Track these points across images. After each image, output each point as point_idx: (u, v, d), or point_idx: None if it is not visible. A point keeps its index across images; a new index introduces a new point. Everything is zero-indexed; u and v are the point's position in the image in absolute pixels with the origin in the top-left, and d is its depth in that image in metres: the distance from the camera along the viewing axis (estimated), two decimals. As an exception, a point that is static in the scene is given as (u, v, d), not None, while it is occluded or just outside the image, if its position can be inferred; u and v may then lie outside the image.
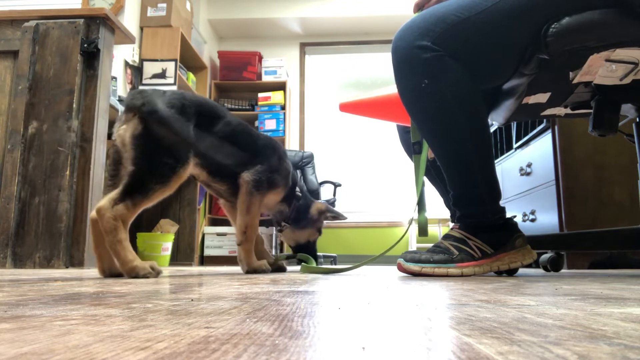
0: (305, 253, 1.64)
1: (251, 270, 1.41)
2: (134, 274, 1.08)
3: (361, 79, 5.43)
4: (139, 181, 1.09)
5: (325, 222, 1.70)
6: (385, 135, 4.96)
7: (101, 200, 1.11)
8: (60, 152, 2.01)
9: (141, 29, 3.86)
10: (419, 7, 1.26)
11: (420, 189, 1.36)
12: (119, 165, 1.17)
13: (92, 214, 1.16)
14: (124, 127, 1.14)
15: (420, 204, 1.38)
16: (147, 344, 0.27)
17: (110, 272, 1.18)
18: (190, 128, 1.22)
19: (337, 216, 1.69)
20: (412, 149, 1.39)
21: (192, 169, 1.29)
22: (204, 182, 1.41)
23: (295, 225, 1.61)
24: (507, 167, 2.76)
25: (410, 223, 1.41)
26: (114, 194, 1.09)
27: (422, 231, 1.36)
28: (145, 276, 1.08)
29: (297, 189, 1.59)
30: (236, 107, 4.88)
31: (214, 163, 1.34)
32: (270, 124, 4.82)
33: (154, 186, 1.11)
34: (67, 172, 1.99)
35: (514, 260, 1.18)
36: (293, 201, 1.57)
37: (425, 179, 1.62)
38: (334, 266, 3.04)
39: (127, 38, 2.37)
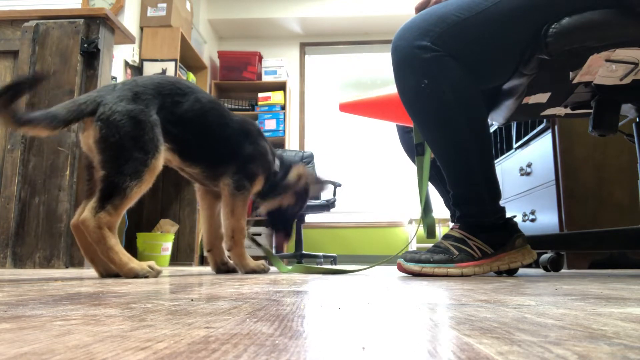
0: (280, 221, 1.53)
1: (250, 271, 1.41)
2: (133, 274, 1.08)
3: (361, 79, 5.43)
4: (112, 184, 1.07)
5: (314, 193, 1.57)
6: (385, 135, 4.96)
7: (84, 212, 1.09)
8: (60, 152, 2.01)
9: (141, 29, 3.86)
10: (419, 10, 1.26)
11: (424, 191, 1.35)
12: (91, 170, 1.15)
13: (73, 220, 1.15)
14: (85, 134, 1.12)
15: (427, 206, 1.37)
16: (147, 344, 0.27)
17: (107, 273, 1.17)
18: (150, 115, 1.15)
19: (320, 182, 1.55)
20: (415, 151, 1.39)
21: (169, 157, 1.25)
22: (177, 167, 1.34)
23: (270, 195, 1.49)
24: (507, 167, 2.76)
25: (419, 223, 1.39)
26: (93, 202, 1.08)
27: (431, 233, 1.35)
28: (145, 276, 1.09)
29: (277, 161, 1.48)
30: (236, 107, 4.88)
31: (184, 144, 1.26)
32: (270, 124, 4.82)
33: (129, 184, 1.08)
34: (67, 172, 1.99)
35: (514, 260, 1.18)
36: (270, 178, 1.47)
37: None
38: (339, 267, 3.03)
39: (127, 38, 2.37)
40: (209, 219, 1.47)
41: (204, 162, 1.33)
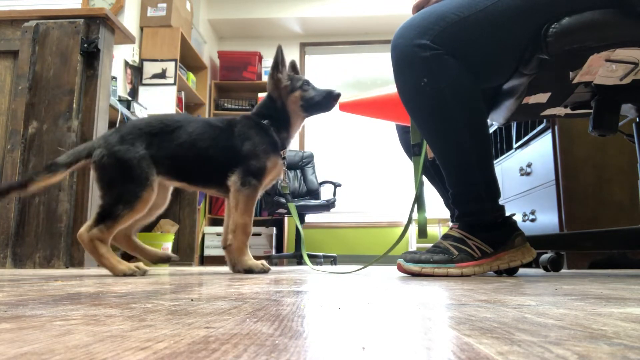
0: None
1: (247, 269, 1.40)
2: (122, 274, 1.26)
3: (361, 79, 5.43)
4: (107, 210, 1.28)
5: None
6: (385, 135, 4.95)
7: (81, 228, 1.30)
8: (60, 152, 2.01)
9: (141, 29, 3.86)
10: (418, 9, 1.26)
11: (418, 190, 1.36)
12: None
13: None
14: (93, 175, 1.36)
15: (420, 205, 1.38)
16: (147, 344, 0.27)
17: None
18: (137, 152, 1.32)
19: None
20: (412, 151, 1.39)
21: (171, 183, 1.43)
22: (196, 190, 1.51)
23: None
24: (507, 167, 2.76)
25: (409, 221, 1.40)
26: (90, 220, 1.29)
27: (422, 232, 1.35)
28: (132, 274, 1.26)
29: (265, 122, 1.50)
30: (236, 107, 4.88)
31: (185, 174, 1.42)
32: (270, 124, 4.82)
33: (121, 212, 1.27)
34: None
35: (513, 258, 1.18)
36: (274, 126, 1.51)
37: (425, 179, 1.62)
38: (334, 267, 3.03)
39: (127, 38, 2.37)
40: (227, 216, 1.51)
41: (214, 183, 1.45)
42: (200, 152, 1.40)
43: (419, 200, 1.37)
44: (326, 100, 1.56)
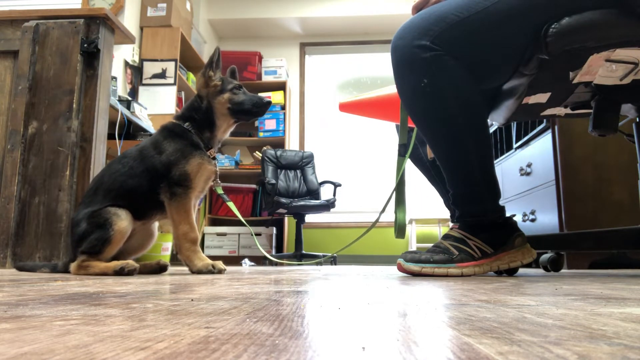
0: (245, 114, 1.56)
1: (196, 272, 1.38)
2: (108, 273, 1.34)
3: (361, 79, 5.43)
4: (89, 254, 1.36)
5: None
6: (385, 135, 4.96)
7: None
8: (60, 152, 2.01)
9: (141, 29, 3.86)
10: (417, 10, 1.26)
11: (398, 189, 1.38)
12: None
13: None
14: None
15: (400, 204, 1.39)
16: (147, 344, 0.27)
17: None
18: (102, 205, 1.39)
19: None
20: (398, 150, 1.39)
21: (137, 223, 1.45)
22: (153, 223, 1.57)
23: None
24: (507, 167, 2.76)
25: (381, 212, 1.43)
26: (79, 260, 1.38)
27: (400, 232, 1.35)
28: (121, 269, 1.32)
29: (187, 124, 1.49)
30: (236, 107, 4.88)
31: (134, 209, 1.42)
32: (270, 124, 4.82)
33: (99, 249, 1.34)
34: (67, 172, 1.99)
35: (513, 259, 1.18)
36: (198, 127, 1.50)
37: (425, 179, 1.62)
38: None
39: (127, 38, 2.36)
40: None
41: (159, 208, 1.43)
42: (123, 188, 1.41)
43: (398, 199, 1.38)
44: (256, 107, 1.54)
